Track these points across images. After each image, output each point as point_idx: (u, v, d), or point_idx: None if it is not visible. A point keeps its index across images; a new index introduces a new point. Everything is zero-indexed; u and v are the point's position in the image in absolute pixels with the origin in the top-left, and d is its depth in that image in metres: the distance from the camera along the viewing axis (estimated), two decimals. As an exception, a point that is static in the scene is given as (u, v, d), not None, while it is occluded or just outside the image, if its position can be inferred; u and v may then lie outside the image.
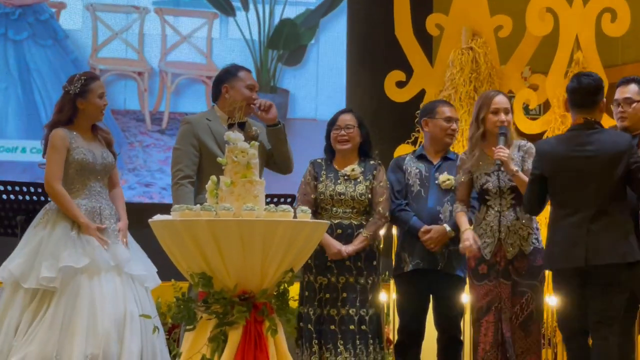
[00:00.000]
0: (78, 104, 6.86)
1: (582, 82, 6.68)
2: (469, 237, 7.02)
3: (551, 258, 6.69)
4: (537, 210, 6.83)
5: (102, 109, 6.94)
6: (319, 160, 7.44)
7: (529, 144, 7.21)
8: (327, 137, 7.45)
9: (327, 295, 7.25)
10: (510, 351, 7.04)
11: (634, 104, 7.19)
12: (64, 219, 6.75)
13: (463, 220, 7.13)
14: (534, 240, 7.12)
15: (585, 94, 6.69)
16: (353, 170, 7.37)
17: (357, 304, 7.23)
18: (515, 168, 6.95)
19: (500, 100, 7.17)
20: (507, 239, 7.06)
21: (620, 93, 7.22)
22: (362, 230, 7.29)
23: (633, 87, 7.20)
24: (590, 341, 6.70)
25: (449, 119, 7.50)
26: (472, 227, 7.14)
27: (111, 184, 7.00)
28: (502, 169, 7.00)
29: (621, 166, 6.62)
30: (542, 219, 8.14)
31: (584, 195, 6.58)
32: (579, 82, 6.69)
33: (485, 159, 7.13)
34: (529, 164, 7.01)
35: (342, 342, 7.20)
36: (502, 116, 7.11)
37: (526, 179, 6.87)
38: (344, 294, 7.25)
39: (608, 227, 6.59)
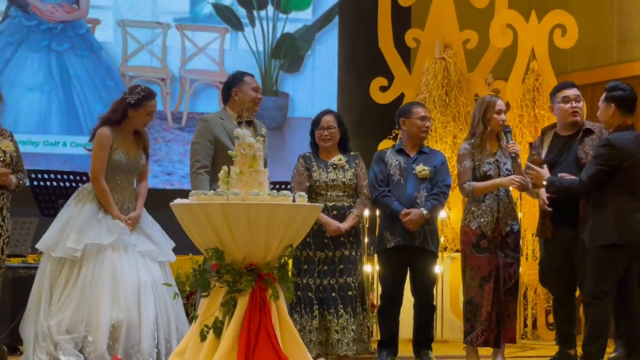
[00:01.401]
0: (129, 112, 6.80)
1: (633, 93, 6.71)
2: (512, 177, 7.12)
3: (615, 234, 6.57)
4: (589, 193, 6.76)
5: (147, 122, 6.90)
6: (308, 154, 7.45)
7: None
8: (312, 134, 7.47)
9: (325, 268, 7.26)
10: (505, 312, 7.16)
11: (581, 102, 7.21)
12: (93, 200, 6.74)
13: (484, 183, 7.18)
14: (518, 221, 7.31)
15: (635, 102, 6.73)
16: (340, 160, 7.40)
17: (352, 273, 7.27)
18: (519, 160, 7.14)
19: (500, 103, 7.36)
20: (503, 218, 7.15)
21: (570, 92, 7.20)
22: (352, 209, 7.33)
23: (576, 89, 7.24)
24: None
25: (423, 118, 7.51)
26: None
27: (140, 177, 6.98)
28: (500, 159, 7.19)
29: None
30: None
31: None
32: (632, 92, 6.71)
33: (485, 150, 7.20)
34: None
35: (341, 306, 7.23)
36: (503, 116, 7.24)
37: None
38: (341, 266, 7.27)
39: None
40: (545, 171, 6.97)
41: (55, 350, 6.40)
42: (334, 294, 7.23)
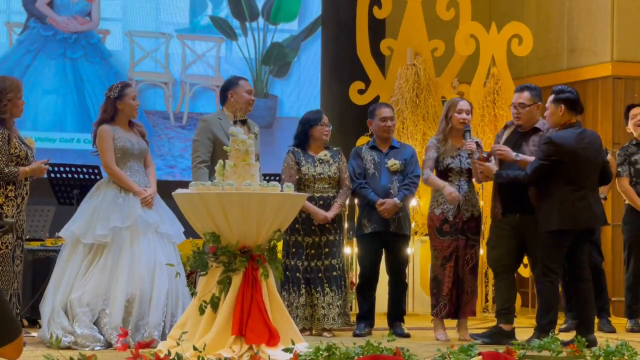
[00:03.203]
0: (117, 105, 6.80)
1: (578, 95, 6.74)
2: (452, 190, 7.07)
3: (559, 221, 6.59)
4: (537, 184, 6.75)
5: (135, 108, 6.87)
6: (296, 149, 7.43)
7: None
8: (308, 129, 7.40)
9: (313, 251, 7.28)
10: (465, 288, 7.15)
11: (527, 108, 7.14)
12: (111, 189, 6.69)
13: (437, 180, 7.17)
14: (478, 208, 7.27)
15: (579, 102, 6.77)
16: (325, 155, 7.39)
17: (336, 255, 7.28)
18: (477, 156, 7.04)
19: (463, 103, 7.27)
20: (464, 206, 7.14)
21: (516, 98, 7.19)
22: (336, 199, 7.33)
23: (526, 94, 7.13)
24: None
25: (384, 119, 7.49)
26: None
27: (146, 164, 6.95)
28: (463, 154, 7.16)
29: (601, 156, 6.78)
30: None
31: (588, 176, 6.63)
32: (577, 94, 6.75)
33: (449, 145, 7.19)
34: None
35: (327, 285, 7.24)
36: (464, 115, 7.18)
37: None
38: (327, 249, 7.28)
39: (597, 200, 6.76)
40: (492, 165, 6.97)
41: (72, 324, 6.39)
42: (320, 275, 7.25)
